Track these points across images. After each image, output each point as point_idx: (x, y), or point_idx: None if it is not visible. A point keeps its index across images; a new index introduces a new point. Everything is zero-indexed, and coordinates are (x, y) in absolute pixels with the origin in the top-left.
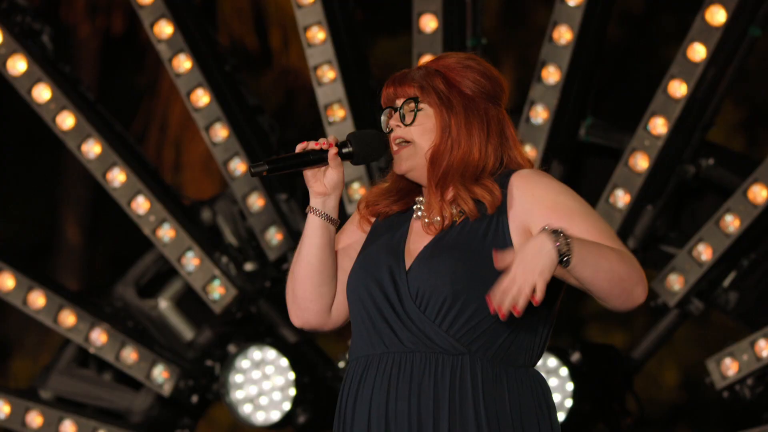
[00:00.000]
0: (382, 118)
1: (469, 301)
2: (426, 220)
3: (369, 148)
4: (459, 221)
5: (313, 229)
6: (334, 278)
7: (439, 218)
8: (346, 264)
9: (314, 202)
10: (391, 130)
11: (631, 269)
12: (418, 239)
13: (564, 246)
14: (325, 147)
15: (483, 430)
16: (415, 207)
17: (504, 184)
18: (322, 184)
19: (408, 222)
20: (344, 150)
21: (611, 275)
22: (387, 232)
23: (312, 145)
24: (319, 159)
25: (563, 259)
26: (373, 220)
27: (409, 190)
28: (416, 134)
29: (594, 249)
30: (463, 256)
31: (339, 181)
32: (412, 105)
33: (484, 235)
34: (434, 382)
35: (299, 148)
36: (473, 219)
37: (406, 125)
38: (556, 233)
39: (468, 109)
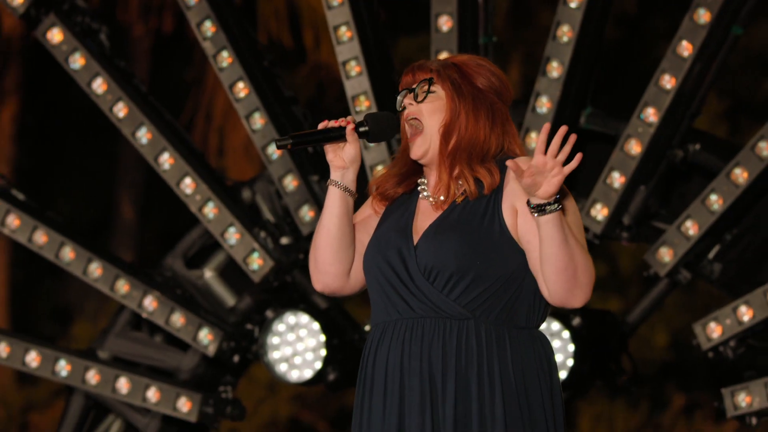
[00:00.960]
0: (399, 98)
1: (472, 274)
2: (431, 200)
3: (382, 128)
4: (460, 201)
5: (333, 200)
6: (351, 245)
7: (443, 197)
8: (362, 236)
9: (334, 175)
10: (404, 108)
11: (587, 272)
12: (424, 217)
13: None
14: (343, 125)
15: (487, 386)
16: (419, 188)
17: (502, 169)
18: (341, 158)
19: (415, 202)
20: (361, 128)
21: (570, 260)
22: (396, 212)
23: (332, 123)
24: (338, 135)
25: (557, 204)
26: (384, 202)
27: (411, 172)
28: (426, 112)
29: (572, 233)
30: (465, 235)
31: (356, 156)
32: (425, 86)
33: (482, 215)
34: (443, 344)
35: (321, 125)
36: (472, 199)
37: (417, 102)
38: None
39: (477, 99)
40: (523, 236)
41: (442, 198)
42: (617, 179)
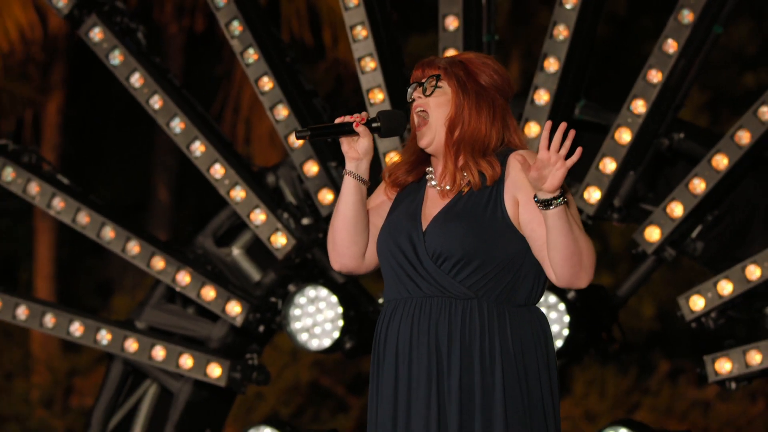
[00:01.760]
0: (409, 90)
1: (476, 259)
2: (438, 188)
3: (392, 124)
4: (465, 191)
5: (348, 188)
6: (366, 229)
7: (449, 186)
8: (376, 220)
9: (349, 165)
10: (413, 100)
11: (590, 257)
12: (432, 205)
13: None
14: (357, 120)
15: (488, 359)
16: (427, 177)
17: (503, 162)
18: (355, 150)
19: (423, 190)
20: (373, 124)
21: (576, 248)
22: (406, 199)
23: (347, 118)
24: (351, 130)
25: (562, 198)
26: (396, 189)
27: (420, 161)
28: (432, 105)
29: (576, 223)
30: (469, 223)
31: (369, 148)
32: (433, 81)
33: (485, 205)
34: (449, 321)
35: (337, 120)
36: (476, 190)
37: (425, 96)
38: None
39: (479, 95)
40: (526, 225)
41: (447, 187)
42: (608, 165)
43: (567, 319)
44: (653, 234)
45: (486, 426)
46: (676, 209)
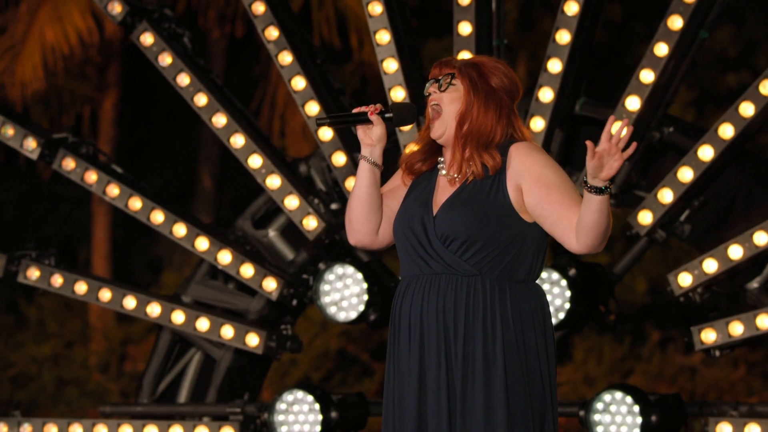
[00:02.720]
0: (426, 85)
1: (479, 241)
2: (447, 176)
3: (403, 115)
4: (470, 180)
5: (363, 171)
6: (379, 209)
7: (457, 175)
8: (390, 202)
9: (364, 151)
10: (429, 95)
11: (609, 231)
12: (442, 192)
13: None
14: (371, 110)
15: (490, 329)
16: (438, 166)
17: (504, 152)
18: (370, 137)
19: (435, 178)
20: (386, 115)
21: (608, 226)
22: (419, 187)
23: (363, 108)
24: (366, 119)
25: (610, 187)
26: (411, 176)
27: (432, 152)
28: (446, 100)
29: (610, 211)
30: (474, 209)
31: (382, 135)
32: (448, 79)
33: (488, 192)
34: (455, 295)
35: (355, 110)
36: (480, 179)
37: (440, 91)
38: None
39: (489, 95)
40: (534, 207)
41: (455, 175)
42: None
43: (568, 293)
44: (645, 217)
45: (488, 388)
46: (666, 195)
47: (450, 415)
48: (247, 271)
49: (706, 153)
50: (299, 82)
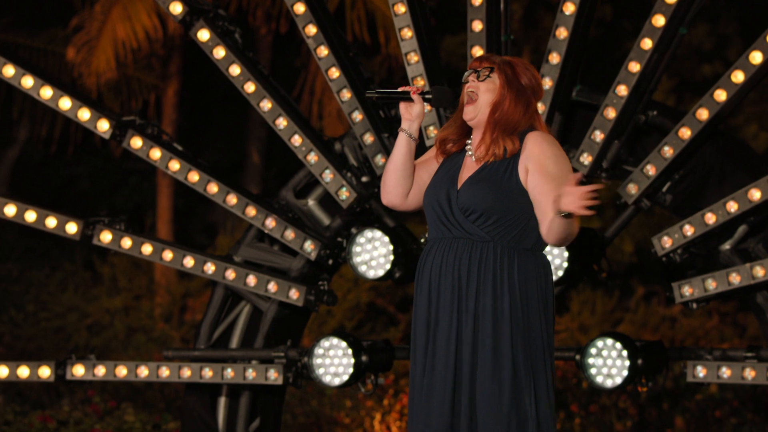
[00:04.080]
0: (465, 74)
1: (494, 212)
2: (473, 156)
3: (441, 96)
4: (490, 162)
5: (401, 142)
6: (411, 176)
7: (482, 155)
8: (421, 173)
9: (404, 124)
10: (467, 82)
11: (566, 242)
12: (466, 170)
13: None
14: (412, 90)
15: (499, 287)
16: (466, 148)
17: (521, 139)
18: (410, 113)
19: (462, 158)
20: (426, 95)
21: (563, 238)
22: (448, 164)
23: (407, 88)
24: (408, 97)
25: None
26: (442, 155)
27: (462, 135)
28: (482, 89)
29: (575, 226)
30: (490, 186)
31: (420, 113)
32: (487, 71)
33: (503, 172)
34: (469, 258)
35: (400, 89)
36: (498, 160)
37: (479, 80)
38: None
39: (519, 91)
40: (532, 190)
41: (481, 154)
42: (598, 136)
43: (566, 254)
44: (633, 189)
45: (496, 337)
46: (651, 170)
47: (456, 357)
48: (290, 234)
49: (684, 133)
50: (334, 72)
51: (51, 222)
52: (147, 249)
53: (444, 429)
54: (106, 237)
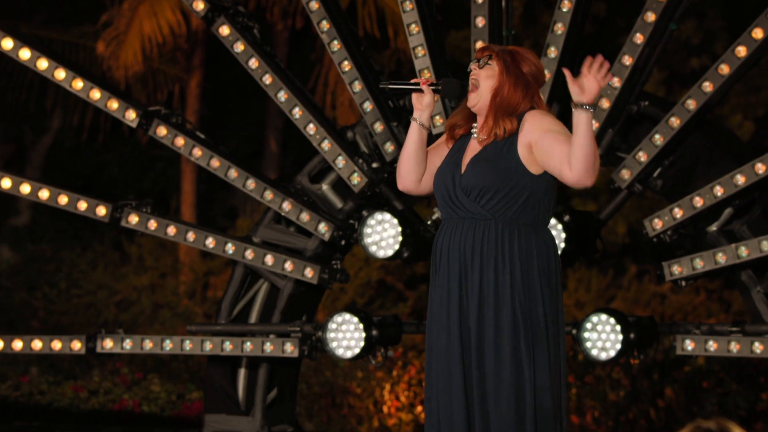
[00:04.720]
0: (470, 64)
1: (492, 190)
2: (478, 139)
3: (449, 88)
4: (490, 142)
5: (413, 130)
6: (423, 162)
7: (485, 136)
8: (433, 158)
9: (415, 114)
10: (470, 71)
11: (598, 161)
12: (470, 152)
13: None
14: (423, 82)
15: (500, 261)
16: (473, 131)
17: (519, 118)
18: (421, 103)
19: (467, 142)
20: (436, 87)
21: (594, 148)
22: (455, 149)
23: (418, 80)
24: (419, 88)
25: (594, 108)
26: (451, 140)
27: (469, 119)
28: (482, 76)
29: (594, 137)
30: (490, 165)
31: (430, 103)
32: (486, 59)
33: (502, 151)
34: (473, 235)
35: (413, 81)
36: (499, 140)
37: (479, 68)
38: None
39: (518, 77)
40: (542, 156)
41: (483, 137)
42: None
43: (563, 235)
44: (626, 174)
45: (497, 310)
46: (642, 156)
47: (461, 327)
48: (305, 217)
49: (674, 122)
50: (347, 65)
51: (82, 205)
52: (171, 230)
53: (460, 392)
54: (133, 219)
